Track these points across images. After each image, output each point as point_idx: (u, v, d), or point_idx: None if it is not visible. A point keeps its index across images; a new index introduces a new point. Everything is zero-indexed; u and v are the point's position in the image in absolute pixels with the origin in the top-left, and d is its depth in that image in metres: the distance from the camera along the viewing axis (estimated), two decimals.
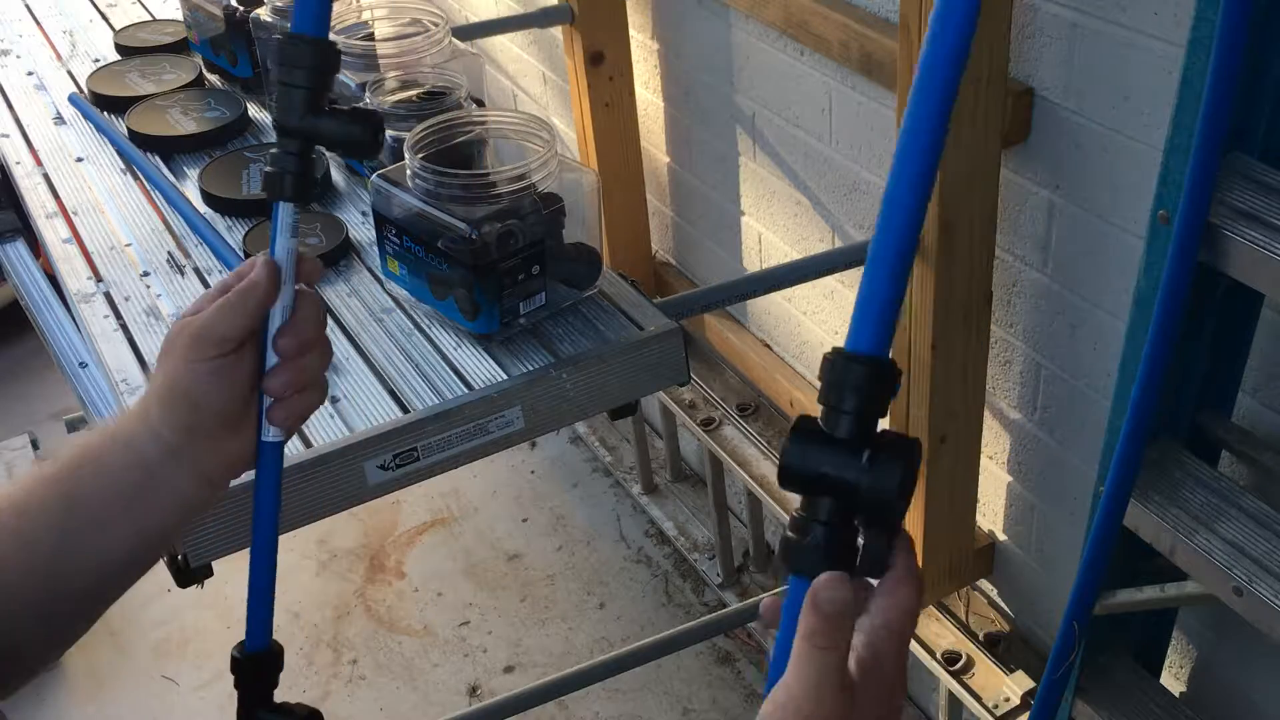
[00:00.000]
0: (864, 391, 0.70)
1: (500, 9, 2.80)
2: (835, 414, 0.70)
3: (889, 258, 0.71)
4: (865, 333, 0.70)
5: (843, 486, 0.70)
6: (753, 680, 2.57)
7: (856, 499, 0.70)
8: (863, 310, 0.70)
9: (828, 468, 0.70)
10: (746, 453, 2.32)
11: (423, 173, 1.29)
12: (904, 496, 0.70)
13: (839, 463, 0.70)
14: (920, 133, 0.73)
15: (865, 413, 0.70)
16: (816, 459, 0.70)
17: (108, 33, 2.08)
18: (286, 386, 0.85)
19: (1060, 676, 1.47)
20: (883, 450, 0.70)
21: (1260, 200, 1.13)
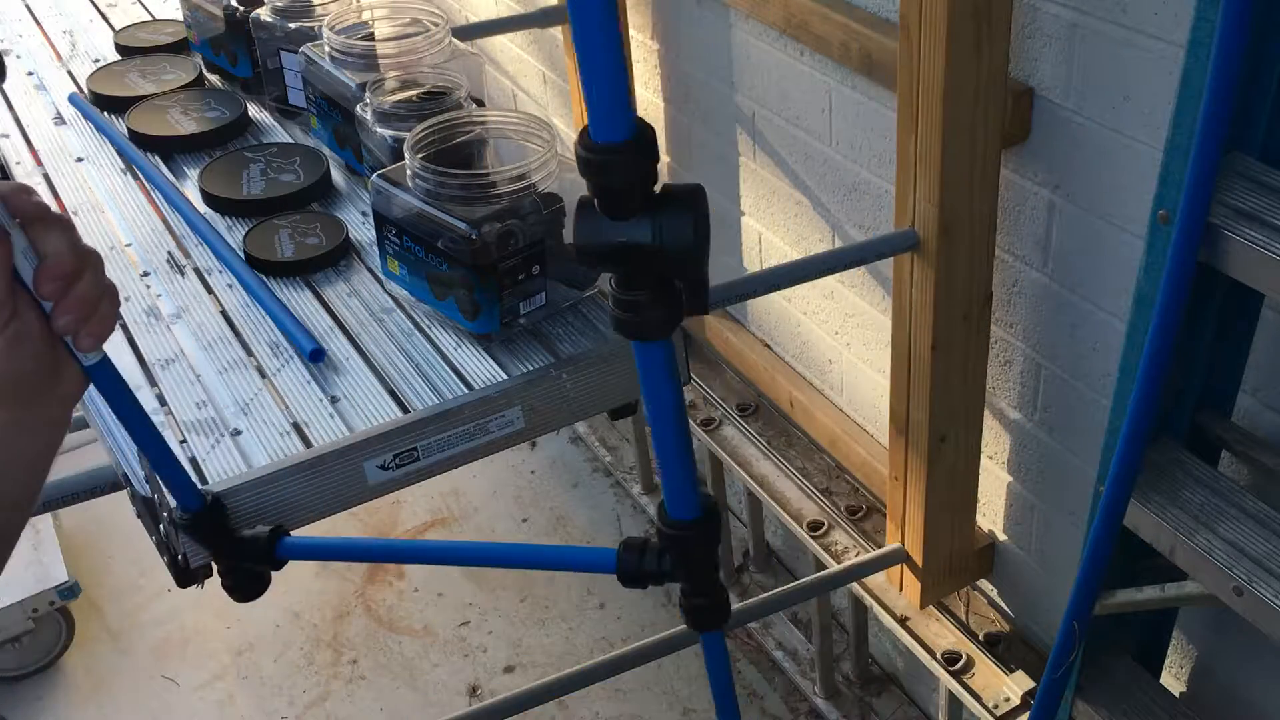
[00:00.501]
0: (632, 172, 0.75)
1: (500, 9, 2.80)
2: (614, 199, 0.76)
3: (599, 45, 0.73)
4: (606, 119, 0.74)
5: (643, 252, 0.77)
6: (752, 680, 2.57)
7: (659, 258, 0.77)
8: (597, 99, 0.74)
9: (622, 238, 0.76)
10: (746, 453, 2.32)
11: (423, 173, 1.29)
12: (700, 242, 0.77)
13: (632, 234, 0.76)
14: None
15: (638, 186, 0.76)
16: (610, 234, 0.77)
17: (108, 33, 2.08)
18: (74, 321, 0.82)
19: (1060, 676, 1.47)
20: (666, 208, 0.76)
21: (1260, 200, 1.13)
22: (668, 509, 1.00)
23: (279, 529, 1.13)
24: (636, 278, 0.79)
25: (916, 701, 2.37)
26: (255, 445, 1.20)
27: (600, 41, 0.72)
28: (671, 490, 0.99)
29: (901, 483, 1.84)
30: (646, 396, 0.91)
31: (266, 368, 1.31)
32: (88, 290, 0.82)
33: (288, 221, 1.53)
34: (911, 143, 1.54)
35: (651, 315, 0.81)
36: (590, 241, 0.78)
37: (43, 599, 2.61)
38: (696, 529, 1.00)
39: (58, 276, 0.80)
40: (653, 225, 0.77)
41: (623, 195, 0.76)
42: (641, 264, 0.78)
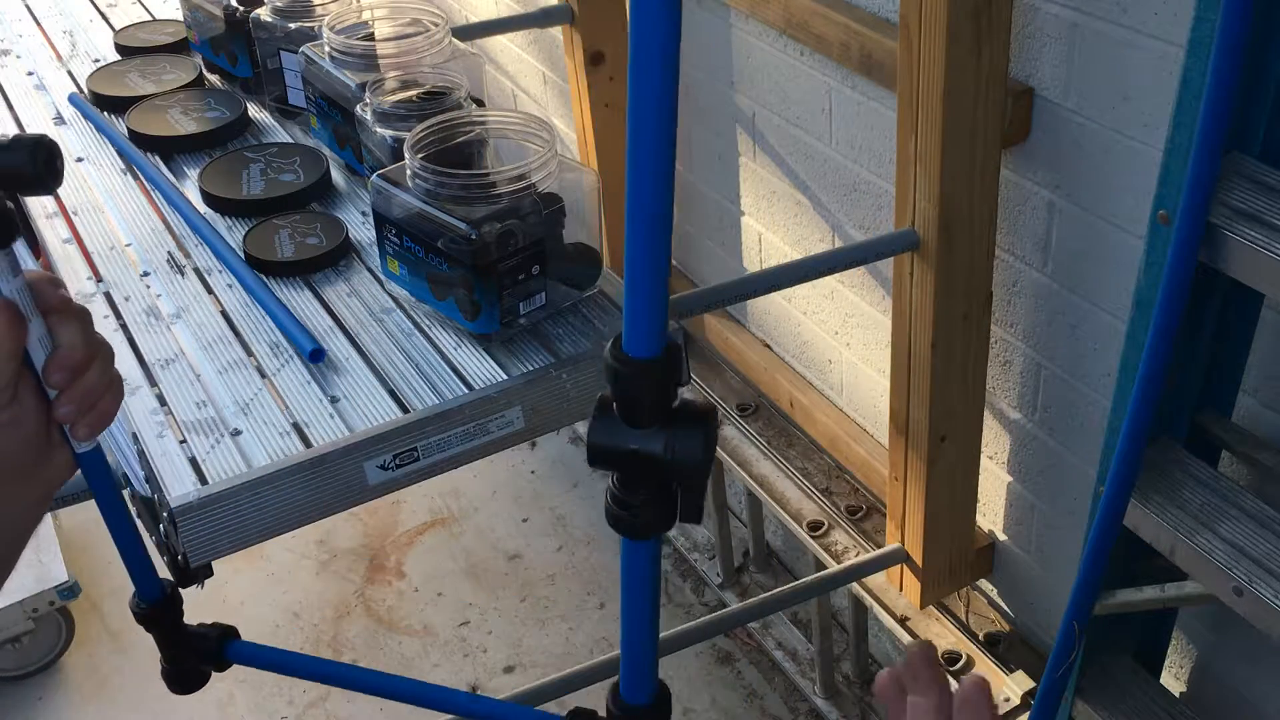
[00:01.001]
0: (656, 389, 0.79)
1: (500, 9, 2.80)
2: (634, 409, 0.80)
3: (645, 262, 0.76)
4: (638, 337, 0.77)
5: (653, 462, 0.80)
6: (752, 680, 2.57)
7: (666, 470, 0.81)
8: (632, 315, 0.77)
9: (635, 446, 0.80)
10: (746, 453, 2.32)
11: (423, 173, 1.29)
12: (708, 460, 0.81)
13: (645, 445, 0.80)
14: None
15: (659, 401, 0.80)
16: (624, 441, 0.80)
17: (108, 33, 2.08)
18: (74, 412, 0.84)
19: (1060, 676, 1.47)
20: (680, 424, 0.80)
21: (1260, 200, 1.13)
22: (622, 692, 1.03)
23: (229, 630, 1.16)
24: (641, 482, 0.83)
25: None
26: (255, 445, 1.20)
27: (648, 266, 0.76)
28: (630, 674, 1.02)
29: (901, 483, 1.84)
30: (625, 586, 0.94)
31: (266, 368, 1.31)
32: (93, 382, 0.84)
33: (288, 221, 1.53)
34: (911, 143, 1.54)
35: (648, 517, 0.84)
36: (605, 444, 0.81)
37: (43, 599, 2.61)
38: (649, 716, 1.05)
39: (66, 367, 0.82)
40: (666, 439, 0.80)
41: (643, 407, 0.80)
42: (649, 471, 0.82)
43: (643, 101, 0.70)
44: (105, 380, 0.85)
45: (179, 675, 1.19)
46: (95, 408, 0.85)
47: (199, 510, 1.13)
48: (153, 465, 1.17)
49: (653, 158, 0.72)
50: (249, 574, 2.90)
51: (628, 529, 0.86)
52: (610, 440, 0.81)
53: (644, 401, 0.79)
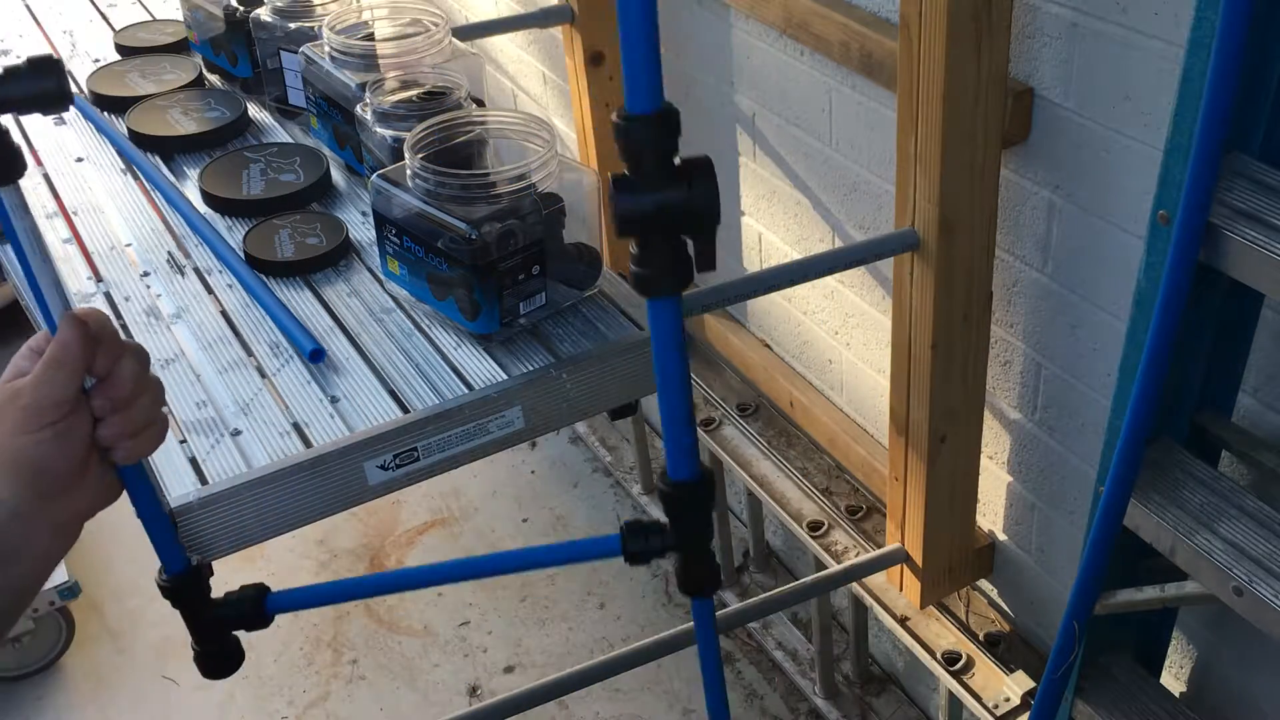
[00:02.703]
0: (660, 141, 0.90)
1: (500, 9, 2.80)
2: (646, 166, 0.90)
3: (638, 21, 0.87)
4: (639, 95, 0.88)
5: (675, 214, 0.90)
6: (752, 680, 2.57)
7: (687, 220, 0.91)
8: (632, 75, 0.88)
9: (660, 204, 0.90)
10: (746, 453, 2.32)
11: (423, 173, 1.29)
12: (718, 207, 0.91)
13: (667, 199, 0.90)
14: None
15: (666, 157, 0.90)
16: (649, 202, 0.90)
17: (108, 33, 2.08)
18: (116, 436, 0.90)
19: (1060, 676, 1.47)
20: (693, 176, 0.91)
21: (1260, 200, 1.13)
22: (669, 470, 1.09)
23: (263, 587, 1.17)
24: (661, 239, 0.92)
25: (916, 701, 2.37)
26: (255, 445, 1.20)
27: (640, 27, 0.86)
28: (673, 452, 1.08)
29: (901, 483, 1.84)
30: (657, 357, 1.01)
31: (266, 368, 1.31)
32: (138, 414, 0.90)
33: (288, 221, 1.53)
34: (911, 143, 1.54)
35: (670, 273, 0.93)
36: (632, 209, 0.90)
37: (43, 599, 2.61)
38: (693, 490, 1.10)
39: (111, 396, 0.88)
40: (686, 190, 0.90)
41: (655, 163, 0.89)
42: (672, 226, 0.91)
43: None
44: (150, 416, 0.91)
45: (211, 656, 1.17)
46: (136, 436, 0.90)
47: (199, 510, 1.13)
48: (153, 465, 1.17)
49: None
50: (249, 574, 2.89)
51: (655, 287, 0.94)
52: (636, 206, 0.90)
53: (654, 155, 0.89)
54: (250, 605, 1.15)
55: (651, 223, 0.91)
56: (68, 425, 0.86)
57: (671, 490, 1.11)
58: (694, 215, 0.91)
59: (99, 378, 0.88)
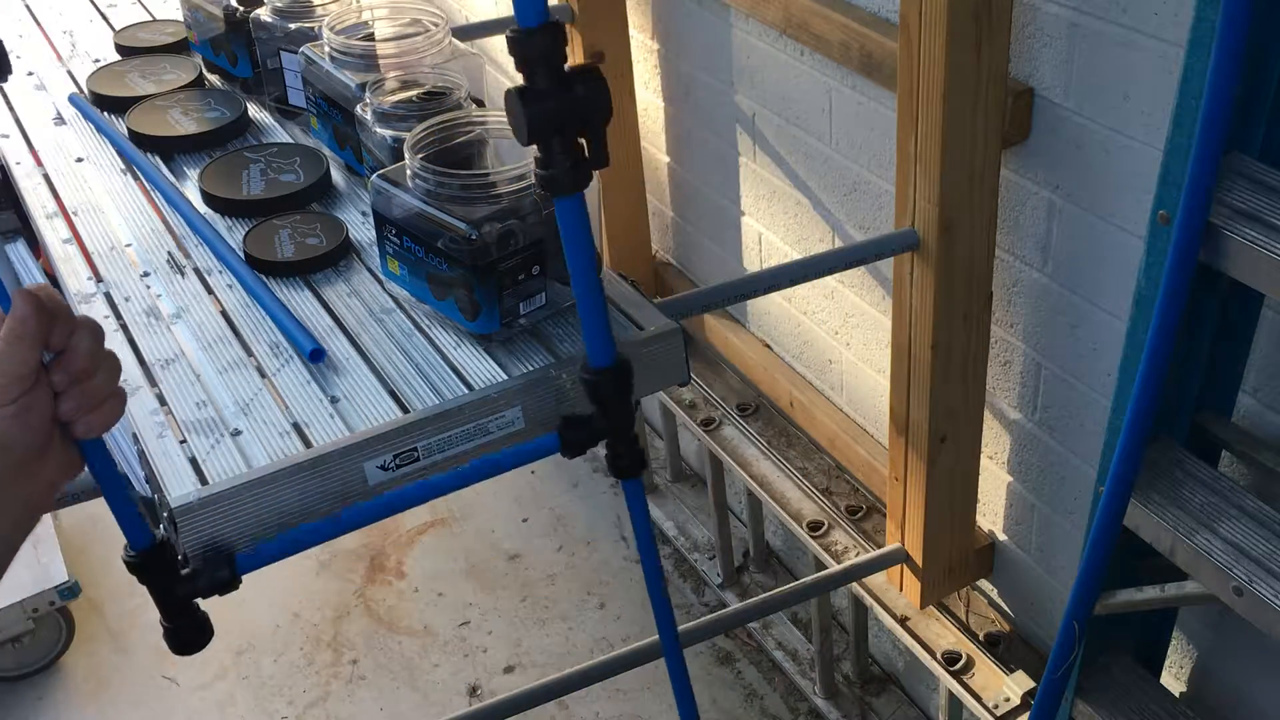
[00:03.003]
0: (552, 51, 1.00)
1: (500, 9, 2.80)
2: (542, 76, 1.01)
3: None
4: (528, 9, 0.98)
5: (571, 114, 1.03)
6: (752, 680, 2.57)
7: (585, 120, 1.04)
8: None
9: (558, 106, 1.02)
10: (746, 453, 2.32)
11: (423, 173, 1.29)
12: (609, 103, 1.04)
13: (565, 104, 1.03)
14: None
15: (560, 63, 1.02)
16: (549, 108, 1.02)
17: (108, 33, 2.08)
18: (76, 410, 0.90)
19: (1060, 676, 1.47)
20: (584, 79, 1.03)
21: (1260, 200, 1.13)
22: (589, 358, 1.21)
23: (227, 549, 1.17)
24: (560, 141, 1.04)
25: (916, 701, 2.37)
26: (255, 445, 1.20)
27: None
28: (591, 341, 1.20)
29: (901, 483, 1.84)
30: (569, 251, 1.13)
31: (266, 368, 1.31)
32: (97, 388, 0.91)
33: (288, 221, 1.53)
34: (911, 143, 1.54)
35: (572, 170, 1.06)
36: (534, 112, 1.02)
37: (43, 599, 2.61)
38: (614, 376, 1.22)
39: (69, 370, 0.89)
40: (579, 93, 1.03)
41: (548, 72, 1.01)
42: (571, 118, 1.04)
43: None
44: (108, 389, 0.92)
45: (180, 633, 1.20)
46: (96, 410, 0.91)
47: (199, 510, 1.13)
48: (153, 465, 1.17)
49: None
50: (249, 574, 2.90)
51: (564, 187, 1.07)
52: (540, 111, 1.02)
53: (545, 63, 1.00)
54: (220, 568, 1.16)
55: (552, 125, 1.03)
56: (30, 400, 0.86)
57: (594, 378, 1.22)
58: (587, 114, 1.04)
59: (56, 352, 0.88)
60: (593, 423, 1.25)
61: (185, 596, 1.17)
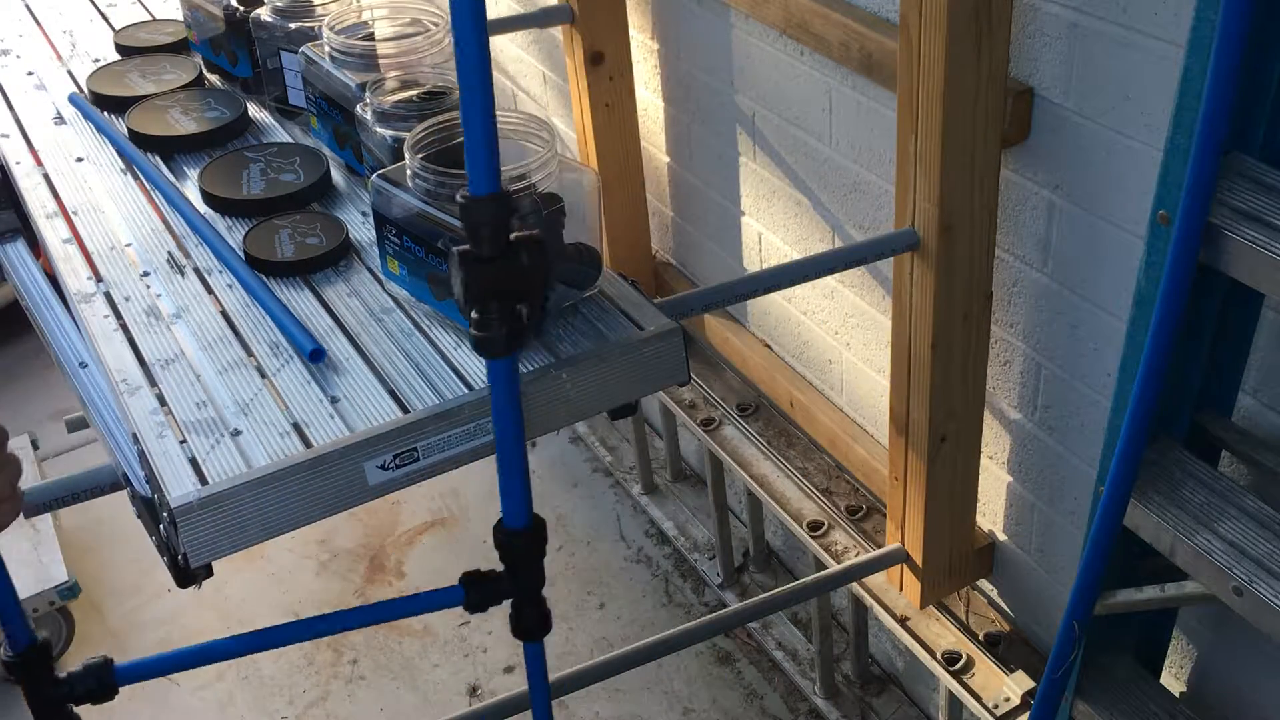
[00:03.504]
0: (499, 218, 1.02)
1: (500, 9, 2.80)
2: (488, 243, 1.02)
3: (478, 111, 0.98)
4: (480, 179, 1.00)
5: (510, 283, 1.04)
6: (752, 680, 2.57)
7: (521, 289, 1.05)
8: (473, 156, 0.99)
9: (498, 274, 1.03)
10: (746, 453, 2.33)
11: (423, 173, 1.29)
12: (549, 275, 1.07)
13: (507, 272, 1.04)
14: None
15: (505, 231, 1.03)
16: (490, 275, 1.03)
17: (108, 33, 2.08)
18: None
19: (1060, 676, 1.47)
20: (525, 248, 1.04)
21: (1260, 200, 1.13)
22: (504, 519, 1.22)
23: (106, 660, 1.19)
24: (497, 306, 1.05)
25: (916, 701, 2.37)
26: (255, 445, 1.20)
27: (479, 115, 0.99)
28: (508, 500, 1.20)
29: (901, 483, 1.84)
30: (495, 410, 1.14)
31: (266, 368, 1.31)
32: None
33: (288, 221, 1.53)
34: (911, 143, 1.54)
35: (506, 336, 1.07)
36: (473, 278, 1.03)
37: (43, 599, 2.61)
38: (528, 538, 1.23)
39: None
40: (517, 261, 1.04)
41: (493, 239, 1.03)
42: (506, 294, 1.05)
43: None
44: (5, 490, 0.98)
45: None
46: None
47: (199, 510, 1.13)
48: (153, 465, 1.17)
49: None
50: (249, 574, 2.90)
51: (492, 348, 1.07)
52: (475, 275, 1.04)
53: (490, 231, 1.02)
54: (97, 679, 1.17)
55: (491, 291, 1.04)
56: None
57: (507, 539, 1.22)
58: (527, 285, 1.05)
59: None
60: (500, 583, 1.25)
61: (58, 700, 1.17)
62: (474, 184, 1.01)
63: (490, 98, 1.00)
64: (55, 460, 3.15)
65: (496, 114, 1.44)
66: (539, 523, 1.23)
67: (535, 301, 1.08)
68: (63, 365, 1.47)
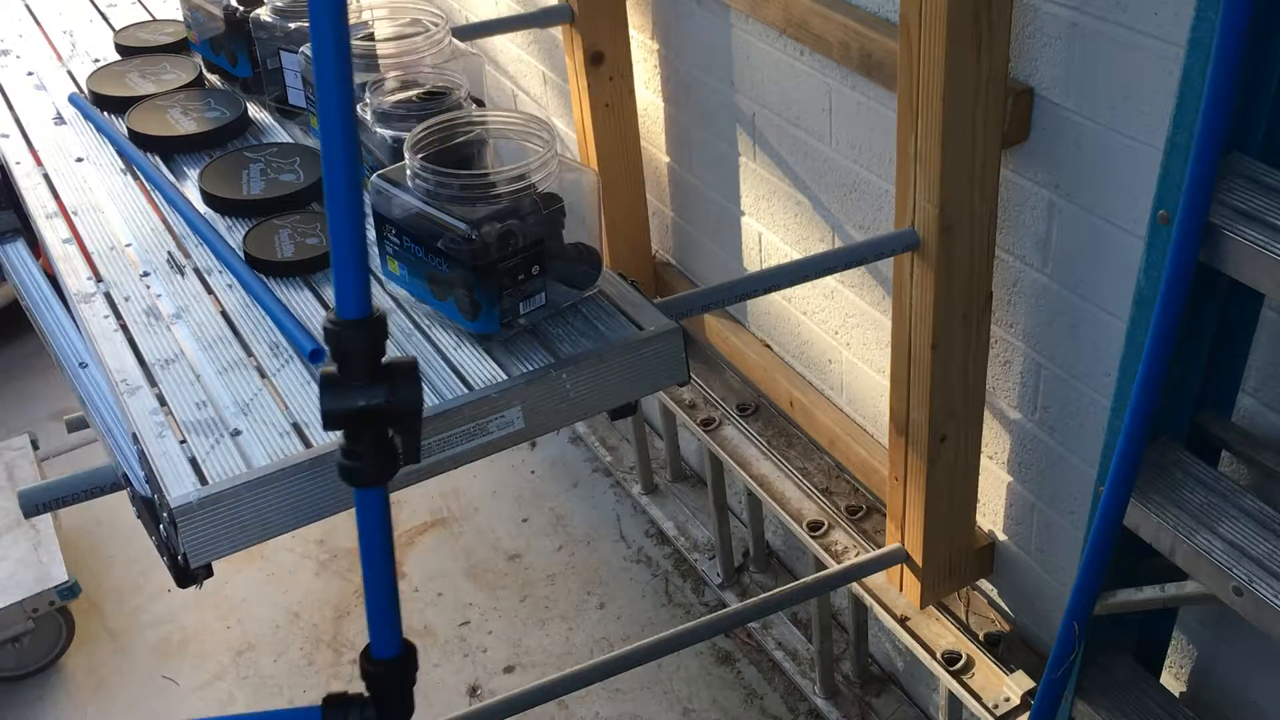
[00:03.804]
0: (370, 346, 0.95)
1: (500, 9, 2.80)
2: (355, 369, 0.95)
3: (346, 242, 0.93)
4: (348, 303, 0.94)
5: (379, 412, 0.97)
6: (752, 680, 2.57)
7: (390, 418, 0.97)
8: (340, 275, 0.93)
9: (365, 403, 0.96)
10: (746, 453, 2.33)
11: (423, 173, 1.29)
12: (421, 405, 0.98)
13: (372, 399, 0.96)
14: None
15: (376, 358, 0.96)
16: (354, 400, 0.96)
17: (108, 33, 2.08)
18: None
19: (1060, 676, 1.47)
20: (397, 377, 0.97)
21: (1260, 200, 1.13)
22: (372, 648, 1.16)
23: None
24: (367, 435, 0.99)
25: (916, 701, 2.37)
26: (255, 445, 1.20)
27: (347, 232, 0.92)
28: (376, 630, 1.15)
29: (901, 483, 1.84)
30: (363, 541, 1.08)
31: (266, 368, 1.31)
32: None
33: (288, 221, 1.53)
34: (911, 143, 1.54)
35: (376, 466, 1.01)
36: (338, 407, 0.96)
37: (43, 599, 2.61)
38: (396, 667, 1.18)
39: None
40: (389, 390, 0.97)
41: (361, 365, 0.96)
42: (376, 423, 0.98)
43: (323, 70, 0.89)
44: None
45: None
46: None
47: (199, 510, 1.13)
48: (153, 465, 1.17)
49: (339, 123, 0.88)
50: (249, 574, 2.90)
51: (361, 479, 1.01)
52: (341, 403, 0.96)
53: (360, 357, 0.95)
54: None
55: (357, 420, 0.98)
56: None
57: (374, 669, 1.18)
58: (396, 414, 0.98)
59: None
60: (365, 710, 1.21)
61: None
62: (342, 306, 0.94)
63: (359, 211, 0.93)
64: (55, 460, 3.15)
65: (495, 116, 1.44)
66: (409, 650, 1.18)
67: (412, 428, 1.00)
68: (63, 365, 1.47)
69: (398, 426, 1.00)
